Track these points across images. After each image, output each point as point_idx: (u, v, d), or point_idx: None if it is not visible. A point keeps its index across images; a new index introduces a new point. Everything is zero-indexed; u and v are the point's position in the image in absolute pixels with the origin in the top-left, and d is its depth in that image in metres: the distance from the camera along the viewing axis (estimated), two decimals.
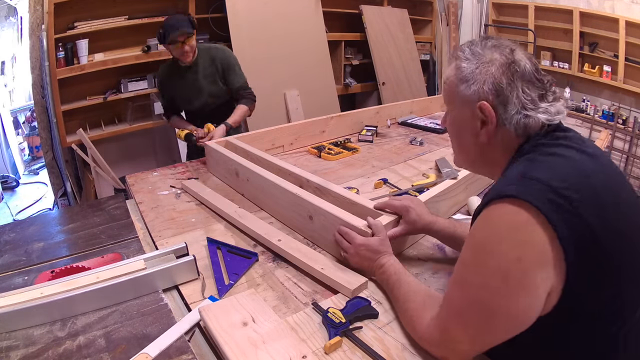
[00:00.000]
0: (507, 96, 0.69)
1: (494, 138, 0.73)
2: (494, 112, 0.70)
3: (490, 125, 0.72)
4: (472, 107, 0.72)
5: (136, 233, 1.24)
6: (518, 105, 0.69)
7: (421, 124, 2.43)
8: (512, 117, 0.69)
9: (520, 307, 0.61)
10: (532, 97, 0.69)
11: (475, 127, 0.74)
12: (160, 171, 1.70)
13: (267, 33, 3.25)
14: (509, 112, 0.69)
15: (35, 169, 4.57)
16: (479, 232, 0.65)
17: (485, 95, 0.70)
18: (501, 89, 0.69)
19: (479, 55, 0.73)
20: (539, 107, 0.69)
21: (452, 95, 0.77)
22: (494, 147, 0.74)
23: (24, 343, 0.80)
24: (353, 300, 0.90)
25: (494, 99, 0.70)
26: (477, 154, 0.78)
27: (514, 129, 0.70)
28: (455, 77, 0.75)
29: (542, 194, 0.59)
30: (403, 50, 4.28)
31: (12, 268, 1.08)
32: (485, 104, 0.70)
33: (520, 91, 0.69)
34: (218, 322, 0.80)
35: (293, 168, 1.42)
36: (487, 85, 0.70)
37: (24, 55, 3.66)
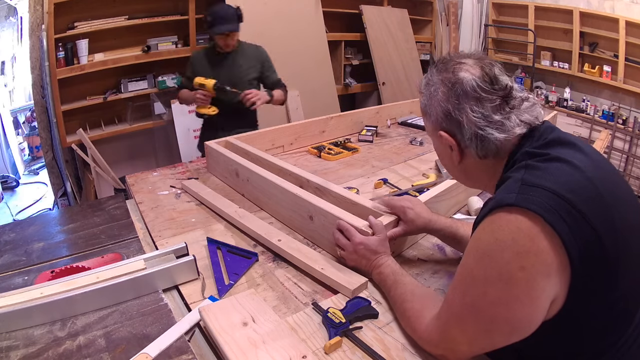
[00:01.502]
0: (458, 120, 0.71)
1: (465, 160, 0.76)
2: (451, 139, 0.73)
3: (454, 149, 0.74)
4: (437, 135, 0.76)
5: (136, 233, 1.24)
6: (471, 126, 0.70)
7: (421, 124, 2.43)
8: (468, 141, 0.71)
9: (521, 315, 0.60)
10: (483, 113, 0.69)
11: (448, 151, 0.77)
12: (160, 171, 1.70)
13: (267, 33, 3.24)
14: (465, 135, 0.71)
15: (35, 169, 4.57)
16: (481, 239, 0.65)
17: (439, 124, 0.74)
18: (450, 114, 0.71)
19: (429, 84, 0.76)
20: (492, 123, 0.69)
21: (426, 126, 0.82)
22: (471, 167, 0.77)
23: (24, 343, 0.80)
24: (353, 300, 0.90)
25: (447, 125, 0.73)
26: (461, 175, 0.83)
27: (474, 150, 0.72)
28: (422, 112, 0.80)
29: (544, 200, 0.59)
30: (403, 50, 4.28)
31: (12, 268, 1.08)
32: (442, 133, 0.74)
33: (470, 111, 0.69)
34: (218, 322, 0.80)
35: (293, 168, 1.42)
36: (439, 115, 0.73)
37: (24, 55, 3.67)
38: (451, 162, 0.79)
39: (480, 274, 0.63)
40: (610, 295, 0.61)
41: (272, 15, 3.29)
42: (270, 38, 3.26)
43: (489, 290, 0.61)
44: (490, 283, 0.61)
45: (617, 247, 0.60)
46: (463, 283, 0.67)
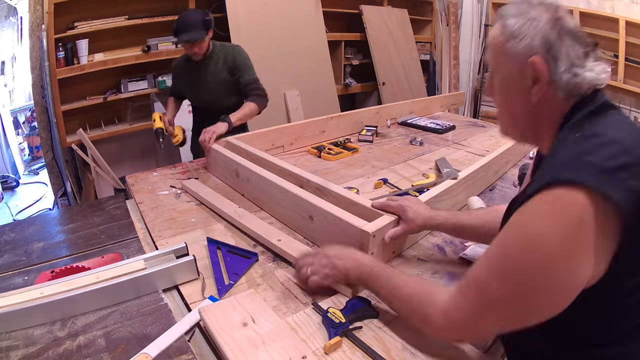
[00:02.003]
0: (557, 51, 0.66)
1: (543, 98, 0.69)
2: (545, 67, 0.66)
3: (543, 82, 0.67)
4: (522, 63, 0.68)
5: (136, 233, 1.24)
6: (567, 62, 0.65)
7: (421, 124, 2.43)
8: (562, 75, 0.66)
9: (561, 301, 0.60)
10: (579, 53, 0.66)
11: (526, 85, 0.69)
12: (160, 171, 1.70)
13: (267, 33, 3.25)
14: (559, 69, 0.66)
15: (35, 169, 4.57)
16: (531, 221, 0.60)
17: (536, 50, 0.67)
18: (551, 43, 0.66)
19: (525, 12, 0.69)
20: (585, 65, 0.66)
21: (499, 55, 0.72)
22: (543, 110, 0.70)
23: (24, 343, 0.80)
24: (353, 300, 0.90)
25: (544, 54, 0.66)
26: (525, 119, 0.73)
27: (564, 87, 0.66)
28: (502, 35, 0.71)
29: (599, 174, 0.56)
30: (403, 50, 4.28)
31: (12, 268, 1.08)
32: (537, 59, 0.66)
33: (569, 46, 0.66)
34: (218, 323, 0.80)
35: (293, 168, 1.42)
36: (537, 40, 0.67)
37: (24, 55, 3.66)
38: (523, 98, 0.70)
39: (524, 262, 0.60)
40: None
41: (272, 15, 3.29)
42: (270, 38, 3.27)
43: (533, 279, 0.59)
44: (536, 272, 0.59)
45: None
46: (502, 267, 0.63)
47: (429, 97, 3.58)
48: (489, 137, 2.28)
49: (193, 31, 1.91)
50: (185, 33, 1.90)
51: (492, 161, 1.55)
